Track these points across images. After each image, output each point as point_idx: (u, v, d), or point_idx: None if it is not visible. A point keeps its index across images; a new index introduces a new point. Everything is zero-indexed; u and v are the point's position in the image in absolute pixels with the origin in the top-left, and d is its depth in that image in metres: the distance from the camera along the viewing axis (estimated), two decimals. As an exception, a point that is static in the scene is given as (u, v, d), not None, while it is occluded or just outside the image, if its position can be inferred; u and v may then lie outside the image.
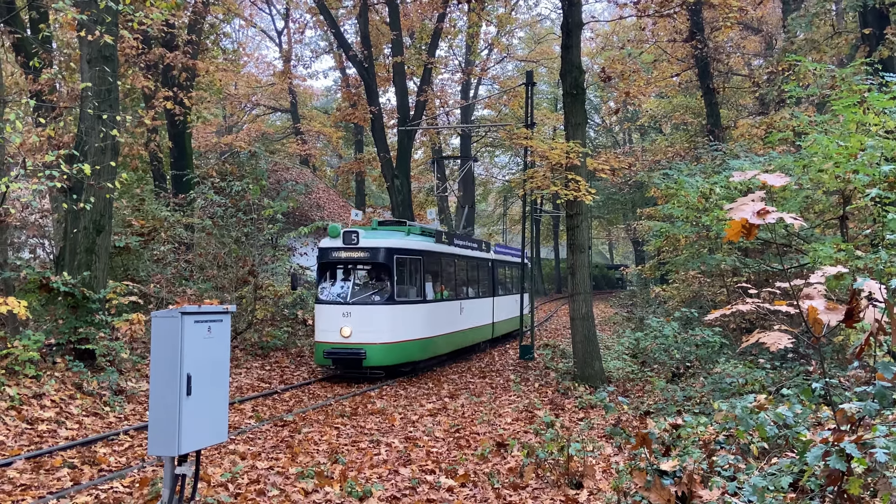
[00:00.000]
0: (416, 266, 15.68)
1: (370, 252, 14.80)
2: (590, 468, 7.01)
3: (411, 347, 15.22)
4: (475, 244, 21.30)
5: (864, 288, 4.32)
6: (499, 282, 23.38)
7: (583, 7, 15.12)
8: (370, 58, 24.91)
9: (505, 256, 24.96)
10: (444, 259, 17.83)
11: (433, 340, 16.31)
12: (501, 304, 23.19)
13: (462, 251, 19.47)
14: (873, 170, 7.73)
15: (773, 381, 9.52)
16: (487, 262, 22.18)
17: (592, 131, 49.63)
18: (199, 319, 5.20)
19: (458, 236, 20.27)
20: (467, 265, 19.98)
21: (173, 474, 5.12)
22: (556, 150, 13.61)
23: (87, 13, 11.13)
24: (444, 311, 17.29)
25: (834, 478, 4.42)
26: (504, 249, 26.02)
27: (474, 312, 19.79)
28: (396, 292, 14.81)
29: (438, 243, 17.38)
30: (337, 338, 14.29)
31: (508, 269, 25.47)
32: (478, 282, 20.96)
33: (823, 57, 19.68)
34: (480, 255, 21.43)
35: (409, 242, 15.66)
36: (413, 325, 15.24)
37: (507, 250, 26.46)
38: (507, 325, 24.32)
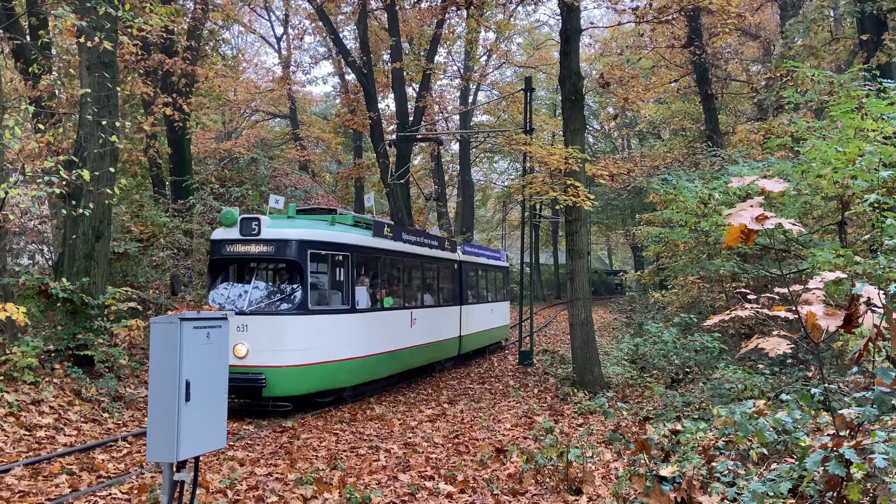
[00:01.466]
0: (344, 265, 12.61)
1: (275, 246, 11.59)
2: (589, 474, 7.00)
3: (333, 371, 11.97)
4: (435, 242, 17.68)
5: (863, 293, 4.32)
6: (469, 287, 20.07)
7: (581, 13, 15.17)
8: (369, 64, 24.95)
9: (478, 258, 21.46)
10: (387, 258, 14.61)
11: (368, 361, 12.97)
12: (474, 314, 19.89)
13: (414, 249, 15.88)
14: (872, 175, 7.74)
15: (772, 387, 9.51)
16: (452, 263, 18.67)
17: (591, 137, 49.73)
18: (198, 325, 5.19)
19: (410, 231, 16.50)
20: (422, 267, 16.75)
21: (172, 480, 5.10)
22: (555, 156, 13.62)
23: (87, 19, 11.16)
24: (387, 322, 13.98)
25: (833, 483, 4.42)
26: (477, 250, 22.44)
27: (433, 324, 16.51)
28: (312, 299, 11.72)
29: (379, 237, 14.02)
30: (230, 359, 10.76)
31: (484, 273, 22.11)
32: (438, 287, 17.65)
33: (821, 63, 19.73)
34: (442, 254, 17.88)
35: (333, 235, 12.39)
36: (336, 341, 12.04)
37: (482, 251, 23.04)
38: (483, 339, 21.10)
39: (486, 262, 22.30)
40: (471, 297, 20.00)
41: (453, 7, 20.51)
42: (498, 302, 23.21)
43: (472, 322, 19.54)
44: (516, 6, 29.92)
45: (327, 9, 24.44)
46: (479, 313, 20.52)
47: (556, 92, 38.94)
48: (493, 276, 23.31)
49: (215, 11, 22.75)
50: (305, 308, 11.56)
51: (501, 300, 23.83)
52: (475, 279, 21.08)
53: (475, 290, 20.80)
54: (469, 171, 45.09)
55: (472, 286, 20.44)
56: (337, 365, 12.05)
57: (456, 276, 18.81)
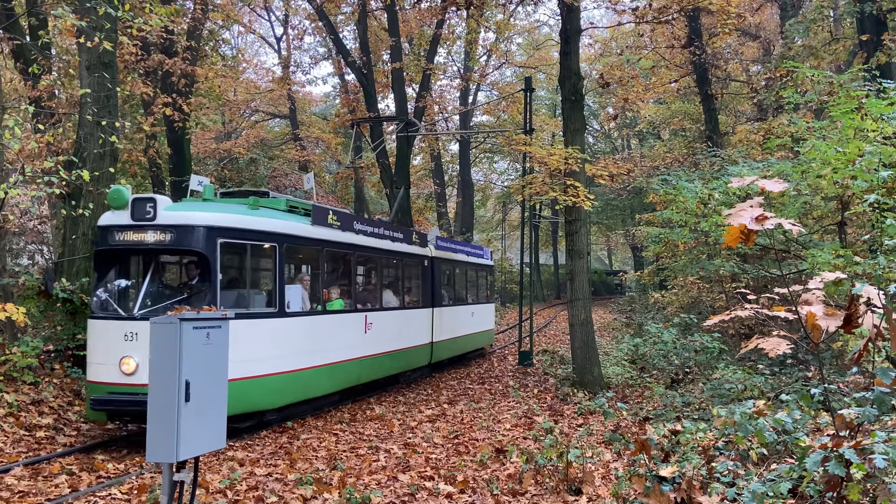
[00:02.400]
0: (270, 259, 10.42)
1: (175, 233, 9.16)
2: (589, 474, 7.00)
3: (249, 390, 9.48)
4: (399, 234, 15.15)
5: (863, 293, 4.32)
6: (444, 287, 17.99)
7: (581, 13, 15.17)
8: (369, 64, 24.96)
9: (455, 255, 19.18)
10: (334, 251, 12.19)
11: (301, 376, 10.72)
12: (450, 318, 17.74)
13: (371, 242, 13.41)
14: (871, 175, 7.75)
15: (772, 387, 9.51)
16: (422, 259, 16.28)
17: (591, 137, 49.73)
18: (197, 326, 5.19)
19: (365, 220, 13.85)
20: (382, 263, 14.40)
21: (171, 481, 5.10)
22: (555, 156, 13.63)
23: (87, 20, 11.17)
24: (331, 329, 11.69)
25: (833, 483, 4.42)
26: (454, 245, 19.94)
27: (396, 329, 14.29)
28: (224, 300, 9.40)
29: (321, 227, 11.56)
30: (116, 376, 8.74)
31: (463, 272, 19.99)
32: (403, 287, 15.36)
33: (821, 63, 19.73)
34: (408, 249, 15.42)
35: (253, 221, 10.00)
36: (255, 352, 9.65)
37: (462, 247, 20.59)
38: (462, 345, 18.94)
39: (465, 259, 20.17)
40: (446, 298, 17.94)
41: (453, 7, 20.52)
42: (480, 304, 21.17)
43: (447, 327, 17.41)
44: (516, 6, 29.95)
45: (327, 9, 24.44)
46: (456, 317, 18.45)
47: (556, 92, 38.96)
48: (475, 275, 21.30)
49: (215, 12, 22.75)
50: None
51: (485, 302, 21.93)
52: (452, 278, 18.98)
53: (452, 291, 18.78)
54: (469, 172, 45.07)
55: (447, 286, 18.42)
56: (255, 382, 9.53)
57: (427, 275, 16.51)
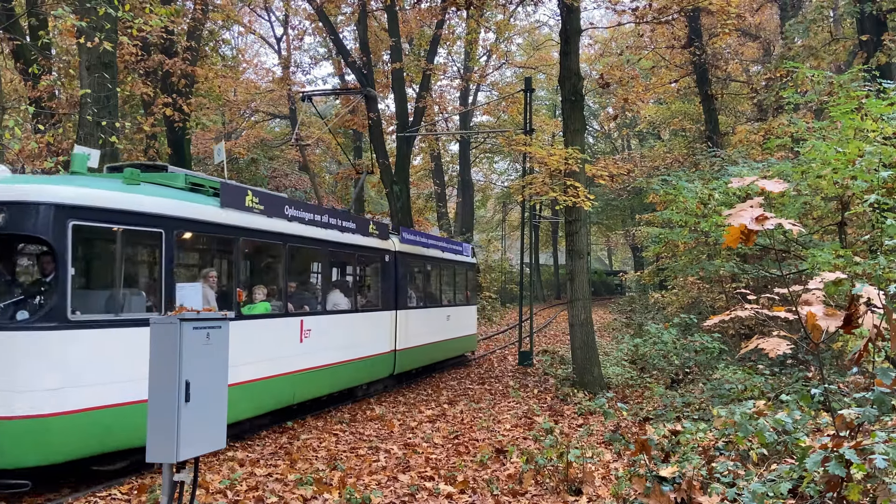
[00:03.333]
0: (153, 249, 8.22)
1: (8, 212, 6.99)
2: (589, 474, 7.00)
3: (118, 422, 7.29)
4: (351, 224, 12.56)
5: (863, 294, 4.33)
6: (412, 287, 15.78)
7: (581, 14, 15.17)
8: (369, 64, 24.95)
9: (427, 250, 16.65)
10: (252, 241, 9.78)
11: None
12: (419, 322, 15.47)
13: (309, 231, 10.98)
14: (871, 175, 7.75)
15: (772, 387, 9.51)
16: (382, 254, 13.84)
17: (591, 137, 49.75)
18: (197, 326, 5.19)
19: (302, 205, 11.16)
20: (327, 257, 11.99)
21: (172, 481, 5.10)
22: (555, 157, 13.63)
23: (87, 20, 11.17)
24: (248, 338, 9.20)
25: (833, 484, 4.42)
26: (425, 240, 17.10)
27: (345, 337, 12.03)
28: (77, 301, 7.13)
29: (234, 210, 9.11)
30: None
31: (437, 270, 17.78)
32: (356, 286, 13.20)
33: (821, 63, 19.74)
34: (363, 241, 12.97)
35: (127, 199, 7.63)
36: (125, 371, 7.31)
37: (436, 242, 17.95)
38: (435, 353, 16.58)
39: (440, 255, 17.69)
40: (414, 299, 15.69)
41: (453, 7, 20.52)
42: (459, 306, 18.89)
43: (415, 332, 15.08)
44: (516, 7, 29.92)
45: (327, 9, 24.44)
46: (427, 321, 16.05)
47: (556, 92, 38.97)
48: (452, 273, 19.02)
49: (215, 12, 22.76)
50: (61, 317, 6.89)
51: (464, 304, 19.59)
52: (422, 277, 16.90)
53: (421, 291, 16.55)
54: (469, 172, 45.07)
55: (415, 285, 16.20)
56: (124, 412, 7.27)
57: (389, 272, 14.01)
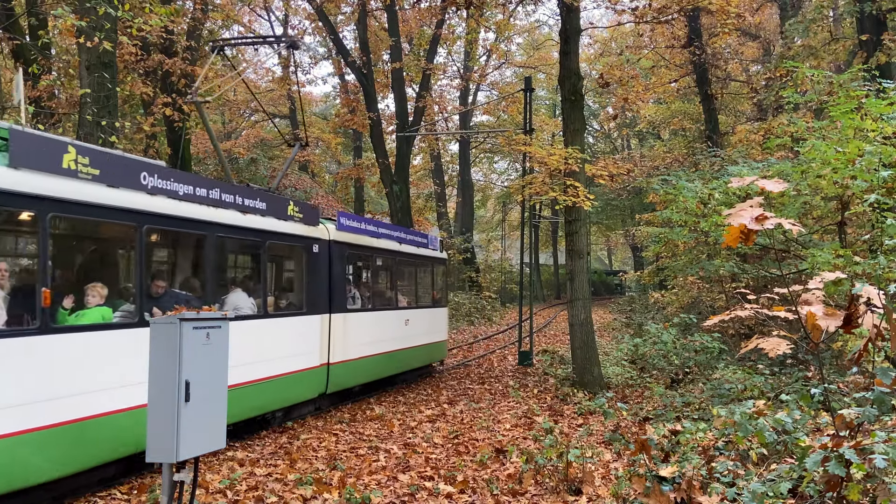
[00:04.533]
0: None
1: None
2: (589, 474, 7.00)
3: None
4: (258, 203, 9.87)
5: (863, 293, 4.33)
6: (354, 285, 13.17)
7: (581, 13, 15.17)
8: (369, 64, 24.97)
9: (377, 240, 13.76)
10: (76, 221, 7.30)
11: None
12: (365, 328, 12.85)
13: (183, 210, 8.30)
14: (871, 175, 7.76)
15: (771, 387, 9.51)
16: (308, 245, 11.06)
17: (591, 137, 49.77)
18: (197, 326, 5.19)
19: (169, 173, 8.21)
20: (216, 247, 9.08)
21: (171, 481, 5.11)
22: (555, 156, 13.63)
23: (87, 20, 11.17)
24: (69, 358, 6.53)
25: (833, 483, 4.42)
26: (373, 228, 13.83)
27: (248, 349, 9.15)
28: None
29: (33, 173, 6.20)
30: None
31: (391, 265, 14.85)
32: (265, 284, 10.26)
33: (821, 63, 19.75)
34: (275, 226, 10.19)
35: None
36: None
37: (389, 232, 14.68)
38: (390, 363, 13.91)
39: (396, 247, 14.68)
40: (359, 300, 13.03)
41: (453, 7, 20.54)
42: (422, 308, 16.19)
43: (357, 341, 12.46)
44: (516, 6, 29.92)
45: (327, 9, 24.46)
46: (376, 326, 13.41)
47: (556, 92, 38.99)
48: (413, 269, 16.31)
49: (215, 12, 22.76)
50: None
51: (430, 306, 16.80)
52: (370, 273, 13.98)
53: (369, 290, 13.65)
54: (469, 172, 45.10)
55: (361, 284, 13.64)
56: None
57: (319, 267, 11.32)
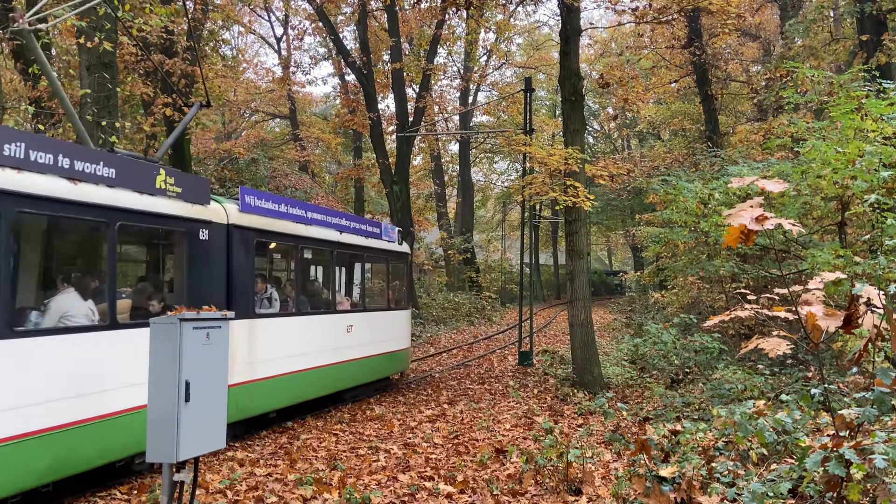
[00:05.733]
0: None
1: None
2: (589, 474, 7.00)
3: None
4: (106, 168, 7.18)
5: (863, 294, 4.33)
6: (273, 283, 10.86)
7: (581, 14, 15.17)
8: (369, 64, 24.98)
9: (306, 227, 11.12)
10: None
11: None
12: (287, 336, 10.49)
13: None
14: (872, 175, 7.76)
15: (772, 387, 9.52)
16: (195, 229, 8.58)
17: (591, 137, 49.75)
18: (197, 326, 5.20)
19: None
20: (27, 230, 6.68)
21: (171, 481, 5.11)
22: (555, 157, 13.63)
23: (87, 20, 11.17)
24: None
25: (833, 484, 4.42)
26: (297, 211, 11.10)
27: (88, 375, 6.70)
28: None
29: None
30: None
31: (327, 258, 12.37)
32: (109, 281, 7.23)
33: (821, 63, 19.75)
34: (133, 203, 7.50)
35: None
36: None
37: (320, 217, 11.72)
38: (322, 381, 11.36)
39: (332, 237, 11.98)
40: (276, 302, 10.41)
41: (453, 7, 20.53)
42: (373, 311, 13.76)
43: (271, 355, 9.92)
44: (516, 7, 29.94)
45: (327, 9, 24.47)
46: (304, 335, 10.94)
47: (556, 92, 38.98)
48: (361, 266, 13.75)
49: (215, 12, 22.76)
50: None
51: (385, 308, 14.36)
52: (294, 268, 11.32)
53: (295, 290, 11.08)
54: (469, 172, 45.12)
55: (281, 281, 11.39)
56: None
57: (209, 259, 8.79)
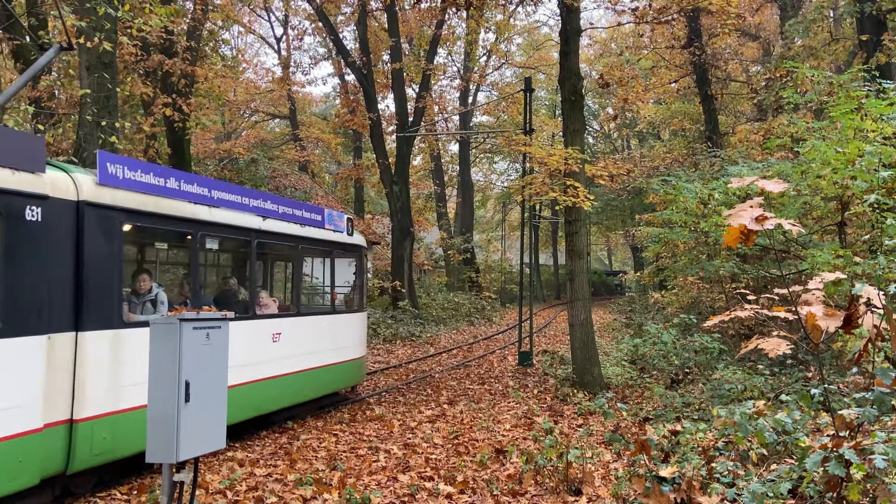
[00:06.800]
0: None
1: None
2: (589, 475, 7.00)
3: None
4: None
5: (863, 294, 4.33)
6: (155, 281, 8.56)
7: (581, 14, 15.17)
8: (369, 64, 24.98)
9: (201, 209, 8.60)
10: None
11: None
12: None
13: None
14: (871, 175, 7.76)
15: (771, 388, 9.52)
16: (16, 207, 6.13)
17: (591, 137, 49.76)
18: (197, 326, 5.20)
19: None
20: None
21: (171, 481, 5.11)
22: (555, 157, 13.62)
23: (87, 20, 11.17)
24: None
25: (833, 484, 4.42)
26: (191, 189, 8.49)
27: None
28: None
29: None
30: None
31: (238, 249, 10.66)
32: None
33: (821, 63, 19.76)
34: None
35: None
36: None
37: (230, 199, 9.26)
38: (238, 404, 8.74)
39: (253, 224, 9.61)
40: (163, 306, 8.27)
41: (453, 8, 20.54)
42: (317, 316, 11.71)
43: (125, 379, 7.25)
44: (516, 7, 29.95)
45: (327, 9, 24.47)
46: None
47: (556, 92, 38.99)
48: (298, 260, 11.46)
49: (215, 12, 22.76)
50: None
51: (331, 312, 12.32)
52: (192, 262, 8.82)
53: (193, 290, 8.90)
54: (469, 172, 45.14)
55: (170, 279, 10.23)
56: None
57: (39, 247, 6.47)
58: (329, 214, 12.03)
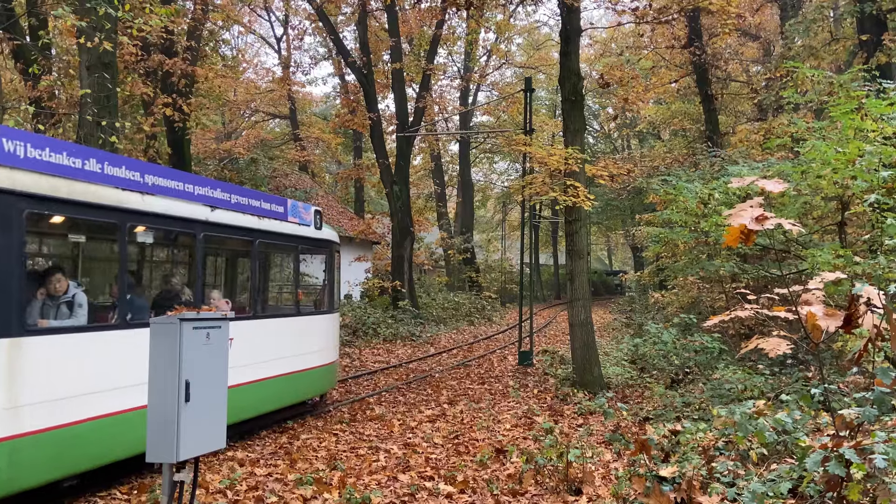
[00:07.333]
0: None
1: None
2: (589, 474, 7.00)
3: None
4: None
5: (863, 293, 4.33)
6: (71, 280, 7.06)
7: (581, 14, 15.17)
8: (369, 64, 24.97)
9: (133, 196, 7.33)
10: None
11: None
12: (100, 361, 6.78)
13: None
14: (871, 175, 7.76)
15: (772, 387, 9.51)
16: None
17: (591, 137, 49.74)
18: (197, 326, 5.20)
19: None
20: None
21: (171, 481, 5.10)
22: (555, 157, 13.63)
23: (87, 20, 11.18)
24: None
25: (833, 484, 4.42)
26: (119, 173, 7.21)
27: None
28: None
29: None
30: None
31: (182, 243, 9.21)
32: None
33: (821, 63, 19.75)
34: None
35: None
36: None
37: (169, 185, 7.95)
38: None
39: (198, 215, 8.44)
40: (83, 309, 6.92)
41: (453, 8, 20.53)
42: (277, 318, 10.61)
43: (75, 390, 6.42)
44: (516, 7, 29.98)
45: (327, 9, 24.46)
46: (133, 357, 6.95)
47: (556, 92, 38.97)
48: (256, 257, 9.83)
49: (215, 12, 22.76)
50: None
51: (295, 314, 11.17)
52: (122, 258, 7.41)
53: (123, 292, 7.41)
54: (469, 172, 45.13)
55: (102, 279, 8.82)
56: None
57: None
58: (294, 206, 10.88)
